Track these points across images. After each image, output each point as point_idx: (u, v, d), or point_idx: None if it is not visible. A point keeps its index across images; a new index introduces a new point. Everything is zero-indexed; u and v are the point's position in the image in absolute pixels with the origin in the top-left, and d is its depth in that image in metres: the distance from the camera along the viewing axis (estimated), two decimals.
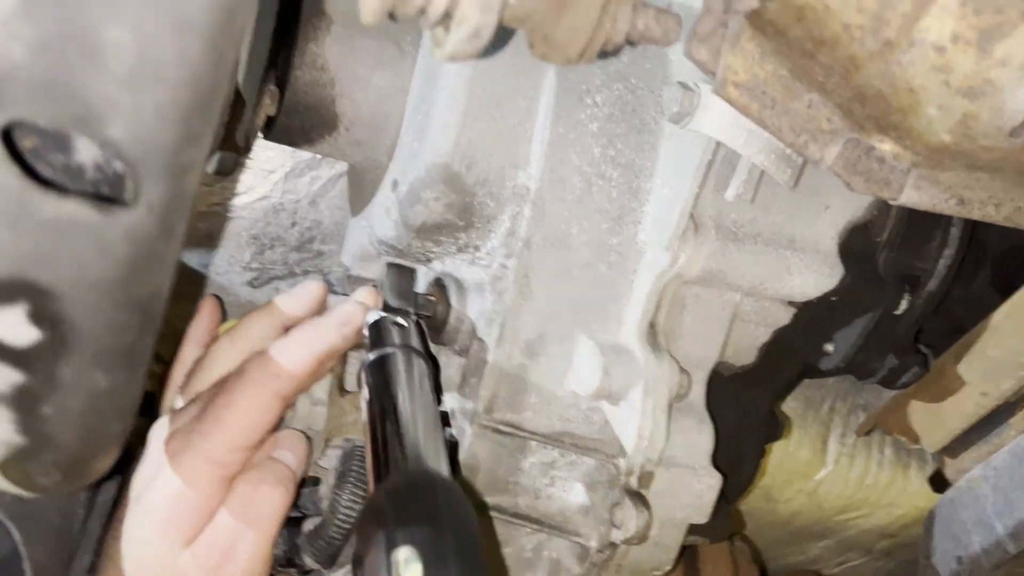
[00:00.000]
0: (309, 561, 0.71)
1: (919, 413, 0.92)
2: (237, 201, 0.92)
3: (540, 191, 0.67)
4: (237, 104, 0.70)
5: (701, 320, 0.74)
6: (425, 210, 0.68)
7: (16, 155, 0.30)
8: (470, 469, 0.70)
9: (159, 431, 0.63)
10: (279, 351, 0.62)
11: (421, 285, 0.78)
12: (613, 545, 0.70)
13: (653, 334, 0.71)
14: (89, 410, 0.40)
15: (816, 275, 0.74)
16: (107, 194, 0.32)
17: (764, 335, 0.82)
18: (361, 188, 0.79)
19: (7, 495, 0.46)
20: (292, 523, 0.71)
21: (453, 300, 0.73)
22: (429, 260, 0.76)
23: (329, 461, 0.75)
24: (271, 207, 0.94)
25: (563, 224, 0.68)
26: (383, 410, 0.59)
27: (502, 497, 0.71)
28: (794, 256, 0.74)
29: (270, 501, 0.62)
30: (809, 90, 0.48)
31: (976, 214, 0.53)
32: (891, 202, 0.51)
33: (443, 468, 0.55)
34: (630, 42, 0.42)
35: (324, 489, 0.72)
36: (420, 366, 0.64)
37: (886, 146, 0.49)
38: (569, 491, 0.72)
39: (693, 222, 0.69)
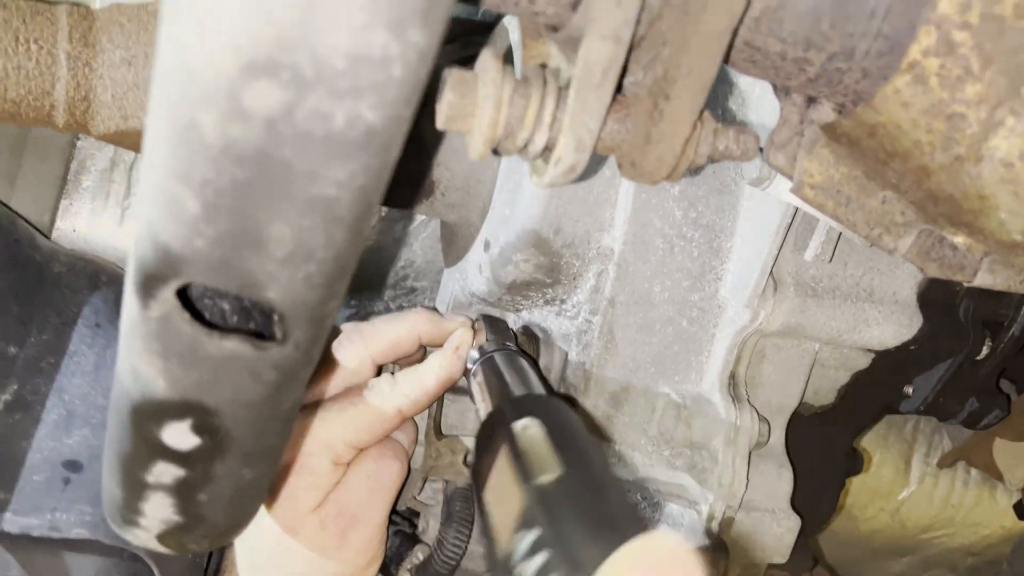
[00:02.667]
0: None
1: (1003, 450, 0.92)
2: None
3: (624, 253, 0.71)
4: None
5: (781, 369, 0.77)
6: (515, 270, 0.73)
7: (189, 304, 0.36)
8: None
9: None
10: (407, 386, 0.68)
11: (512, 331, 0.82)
12: None
13: (734, 385, 0.74)
14: (235, 496, 0.46)
15: (895, 326, 0.76)
16: (262, 332, 0.38)
17: (843, 378, 0.84)
18: (454, 243, 0.84)
19: None
20: (406, 540, 0.78)
21: (541, 348, 0.78)
22: (518, 310, 0.81)
23: (426, 495, 0.81)
24: (368, 248, 1.01)
25: (646, 283, 0.72)
26: (495, 370, 0.65)
27: None
28: (872, 308, 0.75)
29: (391, 471, 0.70)
30: (883, 188, 0.50)
31: None
32: (965, 284, 0.54)
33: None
34: (712, 159, 0.46)
35: (430, 522, 0.78)
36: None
37: (959, 238, 0.51)
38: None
39: (773, 280, 0.72)
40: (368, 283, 1.00)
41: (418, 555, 0.76)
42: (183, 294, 0.36)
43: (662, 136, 0.42)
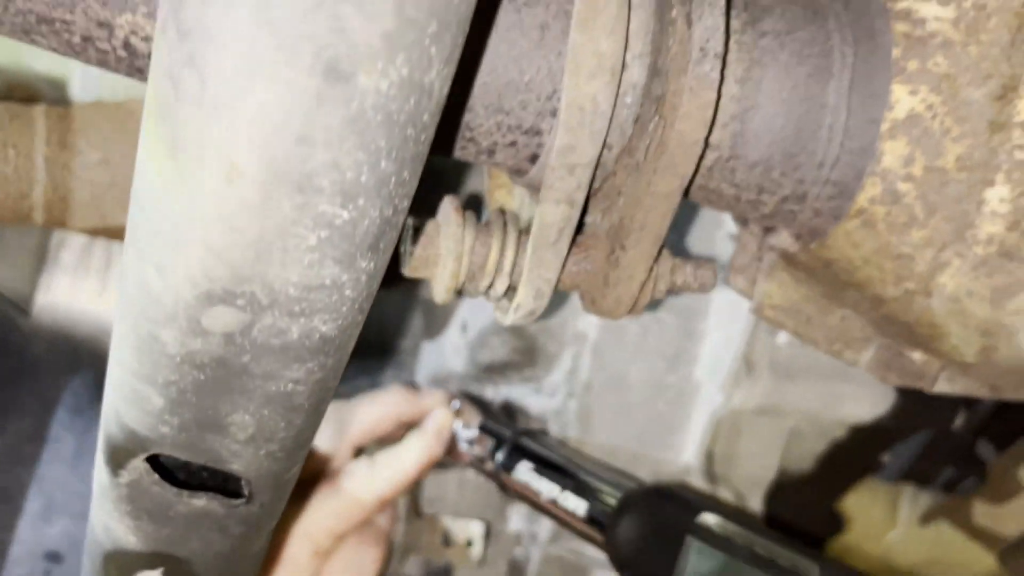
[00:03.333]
0: None
1: (981, 512, 0.94)
2: None
3: (599, 338, 0.72)
4: None
5: (757, 444, 0.78)
6: (491, 353, 0.74)
7: (160, 468, 0.37)
8: None
9: None
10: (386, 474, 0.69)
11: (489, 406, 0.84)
12: None
13: (711, 463, 0.76)
14: None
15: (869, 402, 0.78)
16: (229, 489, 0.39)
17: (821, 446, 0.86)
18: (433, 318, 0.85)
19: None
20: None
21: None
22: (496, 385, 0.82)
23: (409, 568, 0.82)
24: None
25: (622, 366, 0.73)
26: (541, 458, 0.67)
27: None
28: (846, 385, 0.77)
29: (371, 559, 0.72)
30: (841, 307, 0.51)
31: (1010, 396, 0.56)
32: (926, 391, 0.55)
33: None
34: (671, 293, 0.47)
35: None
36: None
37: (916, 355, 0.52)
38: None
39: (746, 363, 0.73)
40: (375, 353, 1.00)
41: None
42: (154, 460, 0.37)
43: (619, 280, 0.43)
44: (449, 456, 0.76)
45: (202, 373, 0.31)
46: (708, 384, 0.74)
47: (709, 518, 0.58)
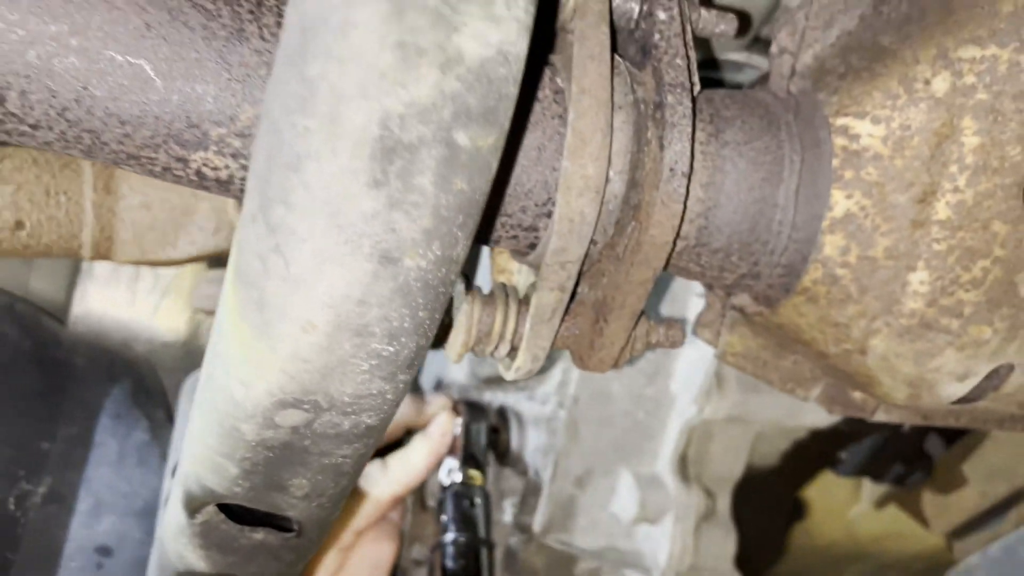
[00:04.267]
0: None
1: (929, 501, 1.04)
2: None
3: None
4: None
5: (726, 447, 0.88)
6: (490, 368, 0.82)
7: (227, 510, 0.46)
8: (530, 575, 0.85)
9: None
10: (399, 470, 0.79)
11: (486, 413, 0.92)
12: None
13: (684, 466, 0.85)
14: None
15: (826, 412, 0.87)
16: (284, 527, 0.48)
17: (785, 445, 0.95)
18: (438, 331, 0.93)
19: None
20: None
21: (513, 430, 0.88)
22: (493, 392, 0.91)
23: (415, 553, 0.92)
24: None
25: (605, 382, 0.82)
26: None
27: None
28: None
29: (387, 552, 0.81)
30: (793, 353, 0.60)
31: (939, 423, 0.65)
32: (867, 420, 0.64)
33: None
34: (647, 350, 0.55)
35: None
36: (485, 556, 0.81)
37: (857, 394, 0.61)
38: None
39: (717, 378, 0.82)
40: None
41: None
42: (223, 506, 0.46)
43: (603, 346, 0.51)
44: (450, 453, 0.85)
45: (272, 453, 0.39)
46: (683, 396, 0.83)
47: None
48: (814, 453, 0.96)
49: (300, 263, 0.32)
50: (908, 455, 0.96)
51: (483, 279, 0.83)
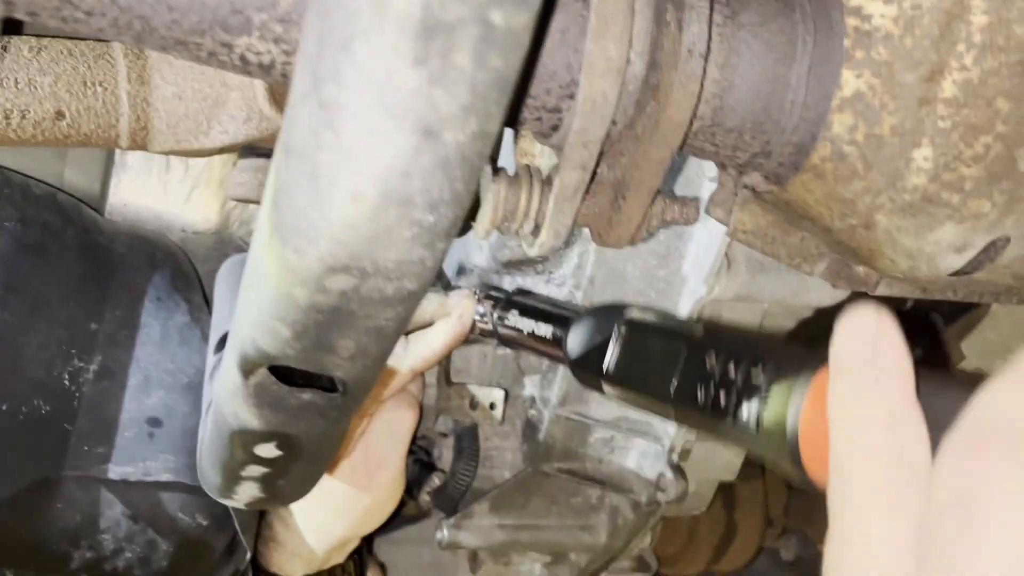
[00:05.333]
0: (427, 503, 0.97)
1: None
2: None
3: None
4: None
5: (735, 324, 0.92)
6: (510, 252, 0.86)
7: (277, 371, 0.51)
8: (549, 444, 0.92)
9: None
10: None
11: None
12: (658, 502, 0.92)
13: None
14: (304, 480, 0.62)
15: (829, 291, 0.90)
16: (328, 386, 0.53)
17: (789, 324, 0.99)
18: None
19: None
20: (424, 467, 0.96)
21: None
22: (512, 276, 0.95)
23: (440, 425, 0.99)
24: None
25: (620, 263, 0.86)
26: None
27: (574, 463, 0.93)
28: (811, 278, 0.89)
29: (407, 420, 0.87)
30: (800, 230, 0.63)
31: (937, 296, 0.68)
32: (870, 294, 0.67)
33: None
34: (663, 226, 0.59)
35: (443, 452, 0.96)
36: None
37: (860, 269, 0.64)
38: (625, 458, 0.93)
39: (727, 259, 0.85)
40: None
41: (435, 480, 0.94)
42: (274, 369, 0.50)
43: (620, 222, 0.55)
44: (471, 334, 0.90)
45: (321, 316, 0.43)
46: (693, 277, 0.87)
47: (635, 311, 0.65)
48: (819, 331, 1.00)
49: (350, 136, 0.35)
50: (910, 331, 1.00)
51: (508, 163, 0.86)
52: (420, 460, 0.97)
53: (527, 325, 0.79)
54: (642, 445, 0.92)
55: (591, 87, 0.47)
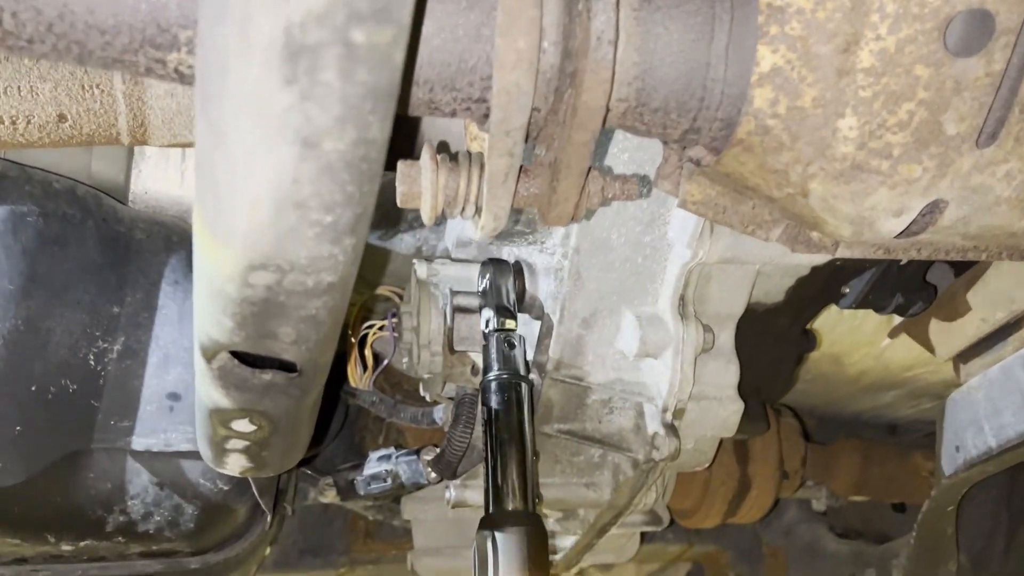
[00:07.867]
0: (434, 479, 1.03)
1: (935, 328, 1.08)
2: None
3: None
4: None
5: (725, 287, 0.93)
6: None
7: (237, 355, 0.56)
8: (547, 407, 0.95)
9: None
10: None
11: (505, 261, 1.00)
12: (654, 460, 0.95)
13: (683, 304, 0.91)
14: (285, 451, 0.68)
15: None
16: (287, 366, 0.57)
17: (788, 282, 1.00)
18: None
19: None
20: (414, 452, 1.02)
21: (527, 279, 0.96)
22: (508, 247, 0.98)
23: (448, 391, 1.03)
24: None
25: (605, 232, 0.88)
26: (508, 437, 0.84)
27: (573, 424, 0.96)
28: None
29: None
30: (751, 198, 0.64)
31: (902, 255, 0.69)
32: (831, 257, 0.68)
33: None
34: (604, 203, 0.61)
35: (448, 415, 1.01)
36: (526, 390, 0.88)
37: (814, 233, 0.65)
38: (623, 418, 0.96)
39: (710, 224, 0.86)
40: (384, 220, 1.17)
41: (427, 455, 0.99)
42: (234, 353, 0.55)
43: (558, 201, 0.57)
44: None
45: (256, 307, 0.47)
46: (679, 241, 0.88)
47: None
48: (817, 288, 1.00)
49: (238, 152, 0.38)
50: (908, 286, 0.99)
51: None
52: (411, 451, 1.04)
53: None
54: (638, 404, 0.95)
55: (503, 79, 0.49)
